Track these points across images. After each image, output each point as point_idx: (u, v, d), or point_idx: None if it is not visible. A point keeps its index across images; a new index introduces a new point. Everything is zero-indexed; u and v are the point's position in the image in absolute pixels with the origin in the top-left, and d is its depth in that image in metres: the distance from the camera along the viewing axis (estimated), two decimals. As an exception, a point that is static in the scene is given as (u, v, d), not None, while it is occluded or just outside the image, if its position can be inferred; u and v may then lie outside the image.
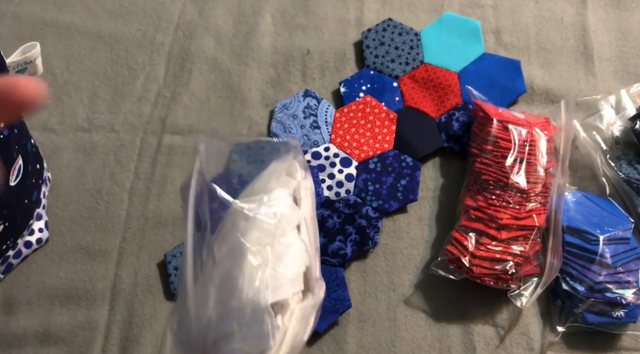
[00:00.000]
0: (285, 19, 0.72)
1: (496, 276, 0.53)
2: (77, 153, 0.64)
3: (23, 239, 0.56)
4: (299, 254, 0.40)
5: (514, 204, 0.55)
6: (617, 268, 0.53)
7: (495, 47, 0.70)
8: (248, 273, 0.37)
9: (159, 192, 0.62)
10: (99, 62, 0.69)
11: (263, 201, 0.40)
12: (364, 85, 0.66)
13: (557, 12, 0.72)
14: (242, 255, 0.38)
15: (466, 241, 0.54)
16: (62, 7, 0.73)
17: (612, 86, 0.67)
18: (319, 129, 0.64)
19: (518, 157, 0.56)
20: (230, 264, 0.38)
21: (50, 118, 0.66)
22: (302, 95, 0.66)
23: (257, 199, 0.40)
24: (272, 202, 0.40)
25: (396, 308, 0.56)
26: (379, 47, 0.68)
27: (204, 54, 0.70)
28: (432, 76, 0.66)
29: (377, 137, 0.63)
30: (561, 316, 0.54)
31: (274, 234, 0.39)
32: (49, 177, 0.61)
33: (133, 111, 0.66)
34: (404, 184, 0.60)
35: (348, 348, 0.54)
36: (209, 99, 0.67)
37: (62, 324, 0.56)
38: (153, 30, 0.71)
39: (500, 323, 0.55)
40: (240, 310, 0.37)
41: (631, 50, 0.69)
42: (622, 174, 0.59)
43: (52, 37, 0.70)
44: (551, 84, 0.67)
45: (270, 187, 0.42)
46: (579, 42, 0.70)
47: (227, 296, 0.37)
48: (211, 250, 0.39)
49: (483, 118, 0.59)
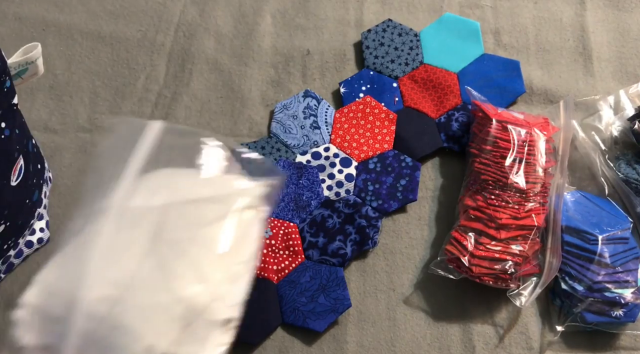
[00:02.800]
0: (285, 19, 0.72)
1: (495, 275, 0.53)
2: (78, 153, 0.64)
3: (24, 239, 0.56)
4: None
5: (513, 204, 0.55)
6: (616, 268, 0.53)
7: (495, 48, 0.70)
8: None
9: (160, 192, 0.62)
10: (100, 63, 0.69)
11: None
12: (363, 85, 0.67)
13: (556, 13, 0.72)
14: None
15: (465, 241, 0.54)
16: (63, 8, 0.73)
17: (611, 87, 0.67)
18: (319, 129, 0.64)
19: (517, 157, 0.56)
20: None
21: (51, 118, 0.66)
22: (302, 95, 0.66)
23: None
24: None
25: (396, 308, 0.56)
26: (378, 48, 0.68)
27: (204, 54, 0.70)
28: (432, 77, 0.66)
29: (377, 138, 0.63)
30: (560, 315, 0.54)
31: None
32: (50, 177, 0.61)
33: (134, 111, 0.66)
34: (403, 184, 0.61)
35: (348, 347, 0.55)
36: (209, 99, 0.67)
37: (63, 324, 0.56)
38: (154, 30, 0.71)
39: (499, 322, 0.56)
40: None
41: (630, 50, 0.69)
42: (621, 174, 0.59)
43: (53, 38, 0.71)
44: (550, 85, 0.67)
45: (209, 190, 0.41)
46: (578, 43, 0.70)
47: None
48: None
49: (482, 118, 0.60)
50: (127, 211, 0.40)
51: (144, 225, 0.39)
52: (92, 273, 0.37)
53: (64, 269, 0.38)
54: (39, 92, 0.67)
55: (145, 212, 0.40)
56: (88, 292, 0.36)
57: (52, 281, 0.38)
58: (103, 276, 0.37)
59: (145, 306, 0.36)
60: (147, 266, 0.37)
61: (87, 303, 0.36)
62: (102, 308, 0.36)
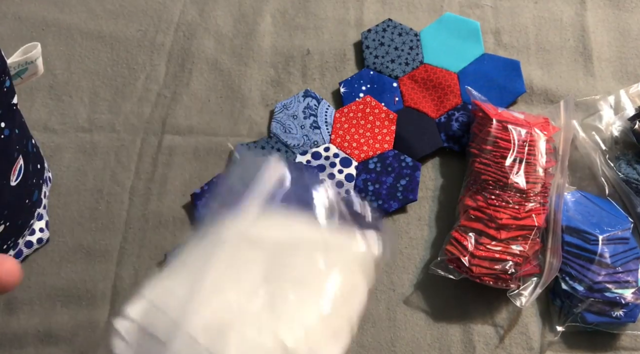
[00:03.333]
0: (285, 19, 0.72)
1: (496, 275, 0.53)
2: (78, 153, 0.64)
3: (24, 239, 0.56)
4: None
5: (513, 204, 0.55)
6: (616, 268, 0.53)
7: (495, 48, 0.70)
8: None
9: (160, 192, 0.62)
10: (100, 63, 0.69)
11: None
12: (363, 85, 0.67)
13: (556, 13, 0.72)
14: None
15: (466, 241, 0.54)
16: (63, 8, 0.73)
17: (611, 86, 0.67)
18: (319, 129, 0.64)
19: (517, 157, 0.56)
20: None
21: (51, 118, 0.66)
22: (302, 95, 0.66)
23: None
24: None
25: (396, 308, 0.56)
26: (378, 48, 0.68)
27: (204, 54, 0.70)
28: (432, 76, 0.66)
29: (377, 138, 0.63)
30: (560, 315, 0.54)
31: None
32: (49, 177, 0.61)
33: (133, 111, 0.66)
34: (403, 184, 0.61)
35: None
36: (209, 99, 0.67)
37: (63, 324, 0.56)
38: (153, 30, 0.71)
39: (499, 323, 0.56)
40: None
41: (630, 50, 0.69)
42: (621, 174, 0.59)
43: (53, 38, 0.71)
44: (550, 85, 0.67)
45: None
46: (578, 43, 0.70)
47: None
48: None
49: (482, 118, 0.60)
50: (244, 243, 0.39)
51: (257, 260, 0.38)
52: (201, 299, 0.35)
53: (173, 289, 0.37)
54: (38, 92, 0.67)
55: (260, 247, 0.39)
56: (193, 317, 0.35)
57: (159, 300, 0.37)
58: (211, 304, 0.36)
59: (248, 345, 0.35)
60: (256, 304, 0.36)
61: (191, 329, 0.35)
62: (204, 336, 0.35)
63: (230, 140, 0.65)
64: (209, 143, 0.65)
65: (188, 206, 0.61)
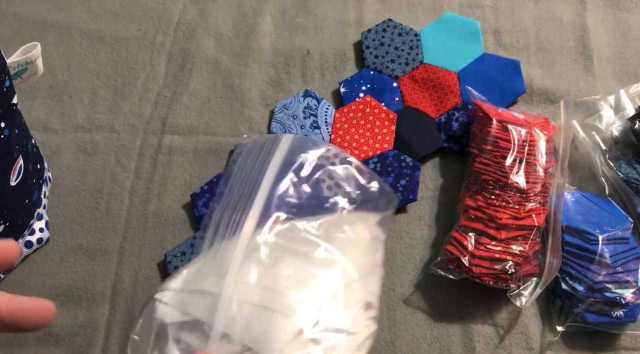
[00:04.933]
0: (285, 19, 0.72)
1: (496, 275, 0.53)
2: (78, 153, 0.64)
3: (24, 239, 0.56)
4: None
5: (513, 204, 0.55)
6: (616, 268, 0.53)
7: (495, 48, 0.70)
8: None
9: (160, 192, 0.62)
10: (100, 63, 0.69)
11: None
12: (363, 85, 0.67)
13: (556, 13, 0.72)
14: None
15: (466, 241, 0.54)
16: (63, 8, 0.73)
17: (611, 86, 0.67)
18: (319, 129, 0.64)
19: (517, 157, 0.56)
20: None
21: (50, 118, 0.66)
22: (302, 95, 0.66)
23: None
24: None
25: (396, 308, 0.56)
26: (378, 48, 0.68)
27: (204, 54, 0.70)
28: (432, 76, 0.66)
29: (377, 137, 0.63)
30: (560, 315, 0.54)
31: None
32: (49, 177, 0.61)
33: (133, 111, 0.66)
34: (403, 184, 0.61)
35: (348, 347, 0.54)
36: (209, 99, 0.67)
37: (63, 324, 0.56)
38: (153, 30, 0.71)
39: (499, 323, 0.56)
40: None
41: (630, 50, 0.69)
42: (621, 174, 0.59)
43: (53, 38, 0.71)
44: (550, 85, 0.67)
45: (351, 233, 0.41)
46: (579, 43, 0.70)
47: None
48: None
49: (482, 118, 0.60)
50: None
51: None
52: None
53: (206, 271, 0.38)
54: (38, 92, 0.67)
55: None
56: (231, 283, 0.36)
57: (193, 275, 0.38)
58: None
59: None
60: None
61: (241, 277, 0.36)
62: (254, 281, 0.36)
63: (230, 140, 0.65)
64: (209, 143, 0.65)
65: (188, 206, 0.61)
